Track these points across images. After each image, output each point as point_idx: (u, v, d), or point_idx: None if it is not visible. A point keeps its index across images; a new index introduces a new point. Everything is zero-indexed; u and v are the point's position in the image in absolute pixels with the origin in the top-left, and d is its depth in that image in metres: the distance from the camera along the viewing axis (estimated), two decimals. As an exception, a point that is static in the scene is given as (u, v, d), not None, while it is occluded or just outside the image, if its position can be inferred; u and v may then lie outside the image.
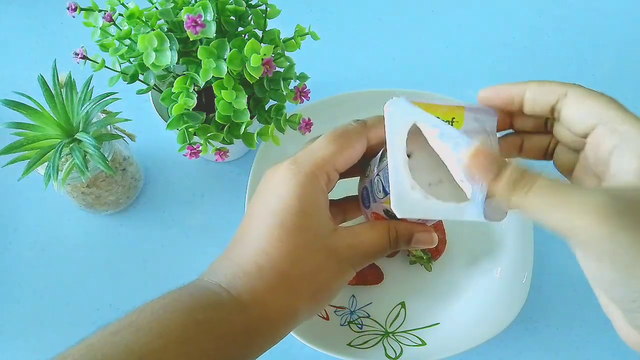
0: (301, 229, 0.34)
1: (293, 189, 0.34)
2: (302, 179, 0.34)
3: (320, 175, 0.35)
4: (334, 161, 0.35)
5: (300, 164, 0.35)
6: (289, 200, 0.34)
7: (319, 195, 0.35)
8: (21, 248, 0.54)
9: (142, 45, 0.40)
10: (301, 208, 0.34)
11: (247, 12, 0.44)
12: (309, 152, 0.35)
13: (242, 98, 0.41)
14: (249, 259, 0.34)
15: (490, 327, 0.48)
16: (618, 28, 0.66)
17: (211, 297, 0.33)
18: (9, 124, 0.44)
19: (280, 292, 0.33)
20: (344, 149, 0.35)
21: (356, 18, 0.66)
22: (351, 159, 0.36)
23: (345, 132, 0.36)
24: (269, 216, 0.34)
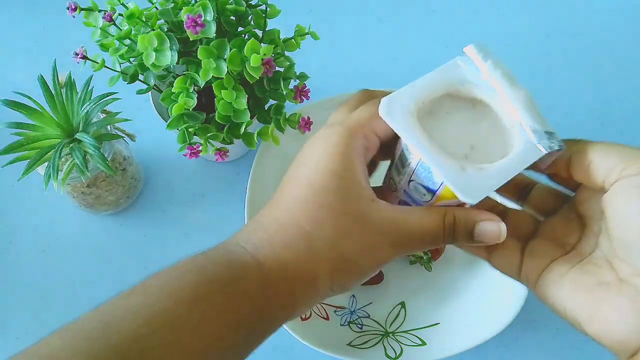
0: (328, 190, 0.31)
1: (326, 149, 0.31)
2: (336, 139, 0.31)
3: (358, 136, 0.31)
4: (371, 124, 0.32)
5: (336, 124, 0.32)
6: (319, 161, 0.31)
7: (353, 157, 0.31)
8: (21, 248, 0.54)
9: (142, 45, 0.40)
10: (331, 168, 0.31)
11: (247, 12, 0.44)
12: (350, 117, 0.33)
13: (242, 98, 0.41)
14: (272, 217, 0.32)
15: (490, 327, 0.48)
16: (618, 28, 0.66)
17: (226, 254, 0.31)
18: (9, 124, 0.44)
19: (298, 251, 0.30)
20: None
21: (356, 18, 0.66)
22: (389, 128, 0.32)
23: (381, 94, 0.33)
24: (299, 178, 0.32)
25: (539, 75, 0.64)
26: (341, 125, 0.32)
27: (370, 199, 0.31)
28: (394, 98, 0.31)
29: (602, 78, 0.63)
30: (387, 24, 0.66)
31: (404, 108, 0.31)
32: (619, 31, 0.66)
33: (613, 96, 0.63)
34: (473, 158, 0.31)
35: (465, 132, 0.31)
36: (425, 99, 0.31)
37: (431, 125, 0.31)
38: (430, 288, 0.52)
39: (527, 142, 0.30)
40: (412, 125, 0.30)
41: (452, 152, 0.30)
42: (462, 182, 0.29)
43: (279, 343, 0.51)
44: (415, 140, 0.30)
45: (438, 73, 0.32)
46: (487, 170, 0.29)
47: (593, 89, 0.63)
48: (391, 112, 0.30)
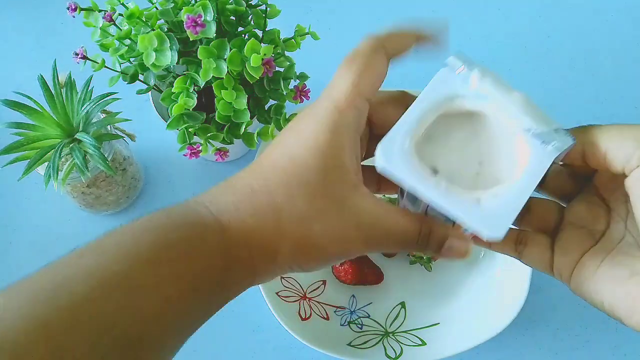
0: (311, 168, 0.29)
1: (314, 126, 0.30)
2: (324, 116, 0.30)
3: (347, 111, 0.30)
4: (358, 90, 0.30)
5: (323, 99, 0.30)
6: (307, 137, 0.30)
7: (342, 137, 0.30)
8: (21, 248, 0.54)
9: (142, 45, 0.40)
10: (317, 146, 0.29)
11: (247, 12, 0.44)
12: (327, 90, 0.31)
13: (242, 98, 0.41)
14: (245, 181, 0.30)
15: (490, 327, 0.48)
16: (618, 28, 0.66)
17: (188, 215, 0.29)
18: (9, 124, 0.44)
19: (265, 221, 0.29)
20: (364, 71, 0.31)
21: (356, 18, 0.66)
22: (376, 80, 0.31)
23: (359, 53, 0.31)
24: (283, 149, 0.30)
25: (539, 75, 0.63)
26: (329, 98, 0.30)
27: (354, 185, 0.30)
28: (388, 143, 0.29)
29: (602, 78, 0.63)
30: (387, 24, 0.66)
31: (402, 151, 0.29)
32: (619, 31, 0.66)
33: (613, 96, 0.63)
34: (484, 174, 0.30)
35: (469, 149, 0.30)
36: (419, 130, 0.30)
37: (432, 152, 0.30)
38: (430, 288, 0.52)
39: (535, 147, 0.29)
40: (415, 171, 0.29)
41: (462, 174, 0.29)
42: (481, 219, 0.28)
43: (279, 343, 0.51)
44: (423, 189, 0.28)
45: (425, 96, 0.30)
46: (504, 196, 0.28)
47: (593, 89, 0.63)
48: (390, 160, 0.29)
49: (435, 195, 0.28)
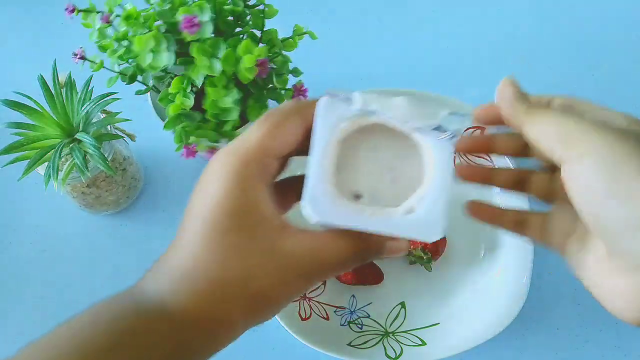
0: (232, 229, 0.30)
1: (223, 184, 0.30)
2: (232, 172, 0.30)
3: (253, 167, 0.30)
4: (267, 147, 0.31)
5: (229, 154, 0.31)
6: (219, 198, 0.30)
7: (253, 188, 0.30)
8: (21, 248, 0.54)
9: (139, 46, 0.40)
10: (233, 206, 0.30)
11: (244, 12, 0.44)
12: (240, 139, 0.31)
13: (229, 96, 0.41)
14: (179, 262, 0.31)
15: (490, 327, 0.48)
16: (618, 28, 0.66)
17: (134, 305, 0.30)
18: (9, 124, 0.44)
19: (210, 298, 0.30)
20: (276, 132, 0.31)
21: (356, 18, 0.66)
22: (287, 141, 0.32)
23: (275, 112, 0.32)
24: (201, 216, 0.31)
25: (539, 75, 0.63)
26: (234, 154, 0.31)
27: (277, 231, 0.30)
28: (312, 196, 0.30)
29: (602, 78, 0.63)
30: (387, 24, 0.66)
31: (326, 198, 0.30)
32: (619, 31, 0.66)
33: (613, 96, 0.63)
34: (401, 180, 0.31)
35: (378, 162, 0.31)
36: (330, 167, 0.30)
37: (348, 179, 0.31)
38: (430, 288, 0.52)
39: (433, 141, 0.30)
40: (346, 210, 0.30)
41: (382, 187, 0.31)
42: (417, 228, 0.29)
43: (279, 343, 0.51)
44: (359, 224, 0.29)
45: (320, 133, 0.31)
46: (428, 197, 0.30)
47: (593, 89, 0.63)
48: (321, 212, 0.29)
49: (371, 225, 0.29)
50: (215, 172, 0.31)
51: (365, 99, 0.30)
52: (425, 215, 0.30)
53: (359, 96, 0.30)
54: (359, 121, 0.31)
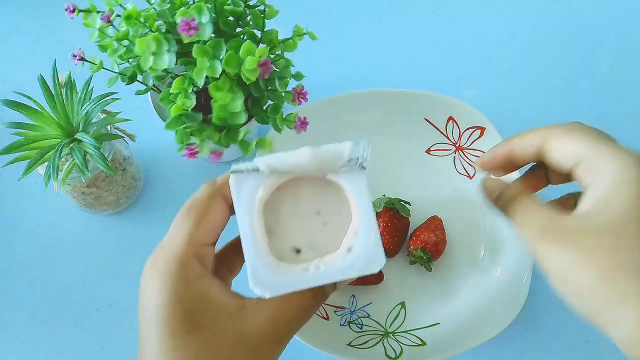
0: (194, 330, 0.30)
1: (166, 296, 0.30)
2: (170, 281, 0.30)
3: (188, 264, 0.31)
4: (196, 240, 0.32)
5: (160, 265, 0.31)
6: (169, 308, 0.30)
7: (198, 285, 0.31)
8: (21, 248, 0.54)
9: (140, 49, 0.40)
10: (185, 310, 0.30)
11: (245, 12, 0.44)
12: (165, 244, 0.32)
13: (237, 100, 0.41)
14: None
15: (490, 327, 0.48)
16: (618, 28, 0.66)
17: None
18: (9, 124, 0.44)
19: None
20: (200, 222, 0.32)
21: (355, 18, 0.66)
22: (215, 227, 0.33)
23: (195, 202, 0.33)
24: (157, 329, 0.30)
25: (539, 75, 0.63)
26: (170, 253, 0.31)
27: (237, 312, 0.31)
28: (254, 275, 0.31)
29: (602, 78, 0.63)
30: (387, 24, 0.66)
31: (269, 272, 0.31)
32: (619, 31, 0.66)
33: (613, 96, 0.63)
34: (327, 218, 0.33)
35: (303, 209, 0.33)
36: (262, 238, 0.32)
37: (283, 238, 0.32)
38: (430, 288, 0.52)
39: (344, 178, 0.32)
40: (291, 277, 0.31)
41: (316, 233, 0.32)
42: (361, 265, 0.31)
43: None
44: (308, 285, 0.31)
45: (242, 210, 0.32)
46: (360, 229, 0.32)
47: (593, 89, 0.63)
48: (269, 287, 0.31)
49: (319, 280, 0.31)
50: (154, 285, 0.31)
51: (269, 163, 0.32)
52: (364, 250, 0.31)
53: (263, 162, 0.32)
54: (272, 183, 0.32)
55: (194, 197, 0.33)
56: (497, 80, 0.63)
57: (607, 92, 0.63)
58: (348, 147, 0.32)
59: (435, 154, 0.57)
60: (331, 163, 0.32)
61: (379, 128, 0.56)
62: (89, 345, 0.51)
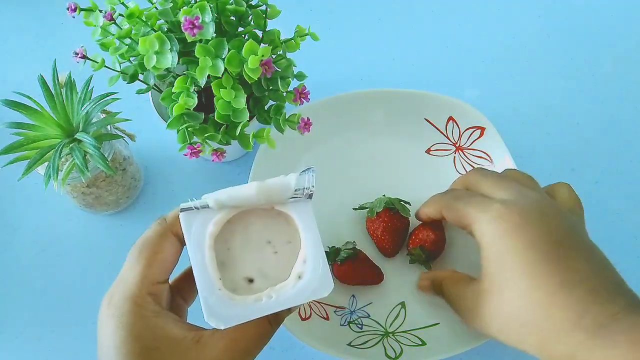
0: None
1: (123, 334, 0.31)
2: (126, 320, 0.31)
3: (142, 302, 0.32)
4: (149, 279, 0.33)
5: (116, 304, 0.32)
6: (127, 346, 0.31)
7: (154, 322, 0.32)
8: (21, 248, 0.54)
9: (143, 48, 0.40)
10: (142, 348, 0.31)
11: (247, 12, 0.44)
12: (120, 283, 0.33)
13: (241, 97, 0.41)
14: None
15: (490, 327, 0.48)
16: (618, 28, 0.66)
17: None
18: (9, 124, 0.44)
19: None
20: (152, 260, 0.33)
21: (356, 18, 0.66)
22: (167, 264, 0.34)
23: (147, 241, 0.34)
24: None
25: (539, 75, 0.64)
26: (124, 295, 0.32)
27: (193, 345, 0.32)
28: (209, 309, 0.32)
29: (602, 78, 0.63)
30: (387, 24, 0.66)
31: (222, 304, 0.32)
32: (619, 31, 0.66)
33: (613, 96, 0.63)
34: (278, 247, 0.34)
35: (253, 239, 0.34)
36: (214, 272, 0.33)
37: (235, 268, 0.34)
38: (430, 288, 0.52)
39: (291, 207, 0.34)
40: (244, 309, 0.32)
41: (268, 263, 0.34)
42: (311, 291, 0.33)
43: (278, 343, 0.51)
44: (262, 313, 0.33)
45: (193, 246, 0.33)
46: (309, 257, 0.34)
47: (593, 89, 0.63)
48: (224, 319, 0.32)
49: (272, 308, 0.32)
50: (110, 327, 0.32)
51: (217, 199, 0.33)
52: (312, 277, 0.33)
53: (212, 199, 0.33)
54: (222, 218, 0.33)
55: (144, 236, 0.34)
56: (498, 80, 0.63)
57: (608, 92, 0.63)
58: (294, 178, 0.33)
59: (435, 154, 0.57)
60: (278, 195, 0.33)
61: (379, 128, 0.56)
62: (89, 345, 0.51)
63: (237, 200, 0.33)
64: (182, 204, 0.33)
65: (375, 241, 0.52)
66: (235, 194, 0.33)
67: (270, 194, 0.33)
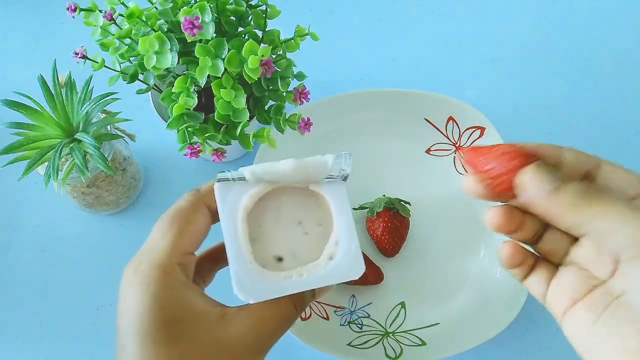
0: (176, 338, 0.30)
1: (149, 303, 0.30)
2: (154, 288, 0.30)
3: (172, 272, 0.31)
4: (180, 248, 0.32)
5: (143, 271, 0.31)
6: (151, 316, 0.30)
7: (181, 293, 0.31)
8: (21, 248, 0.54)
9: (143, 48, 0.40)
10: (167, 318, 0.30)
11: (247, 12, 0.44)
12: (149, 251, 0.32)
13: (240, 97, 0.41)
14: None
15: (490, 327, 0.48)
16: (618, 28, 0.66)
17: None
18: (9, 124, 0.44)
19: None
20: (184, 230, 0.32)
21: (356, 18, 0.66)
22: (198, 235, 0.33)
23: (180, 211, 0.33)
24: (139, 337, 0.30)
25: (539, 75, 0.64)
26: (152, 262, 0.31)
27: (218, 320, 0.31)
28: (238, 280, 0.32)
29: (602, 78, 0.63)
30: (387, 24, 0.66)
31: (252, 277, 0.32)
32: (619, 31, 0.66)
33: (613, 96, 0.63)
34: (309, 228, 0.34)
35: (285, 218, 0.34)
36: (246, 246, 0.32)
37: (266, 246, 0.33)
38: (430, 288, 0.52)
39: (325, 188, 0.34)
40: (274, 283, 0.32)
41: (298, 242, 0.33)
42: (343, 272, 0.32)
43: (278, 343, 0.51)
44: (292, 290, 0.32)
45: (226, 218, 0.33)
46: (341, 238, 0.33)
47: (593, 89, 0.63)
48: (252, 293, 0.31)
49: (302, 286, 0.32)
50: (136, 293, 0.31)
51: (254, 172, 0.32)
52: (344, 258, 0.33)
53: (248, 172, 0.33)
54: (256, 193, 0.33)
55: (177, 206, 0.33)
56: (498, 80, 0.63)
57: (608, 92, 0.63)
58: (331, 158, 0.32)
59: (435, 154, 0.57)
60: (315, 174, 0.33)
61: (379, 128, 0.56)
62: (89, 345, 0.51)
63: (273, 174, 0.32)
64: (219, 173, 0.32)
65: (375, 241, 0.52)
66: (272, 168, 0.32)
67: (307, 172, 0.33)
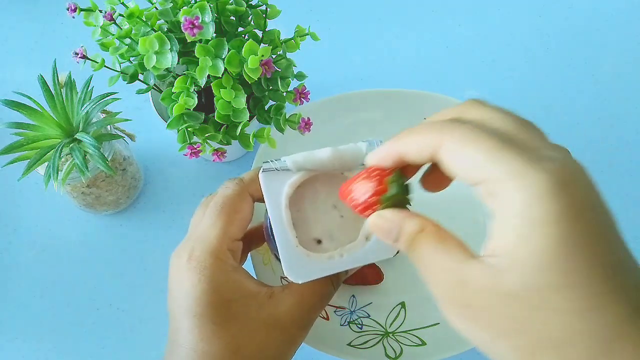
0: (231, 318, 0.33)
1: (205, 286, 0.33)
2: (209, 273, 0.33)
3: (224, 257, 0.34)
4: (228, 236, 0.35)
5: (197, 258, 0.34)
6: (207, 298, 0.33)
7: (233, 276, 0.34)
8: (21, 248, 0.54)
9: (143, 48, 0.40)
10: (222, 300, 0.33)
11: (247, 12, 0.44)
12: (201, 238, 0.35)
13: (241, 97, 0.41)
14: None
15: (490, 327, 0.48)
16: (618, 28, 0.66)
17: None
18: (9, 124, 0.44)
19: None
20: (233, 218, 0.35)
21: (356, 18, 0.66)
22: (245, 222, 0.36)
23: (227, 200, 0.36)
24: (195, 319, 0.33)
25: (539, 75, 0.64)
26: (205, 249, 0.34)
27: (267, 300, 0.34)
28: (288, 262, 0.34)
29: (602, 78, 0.63)
30: (387, 24, 0.66)
31: (299, 259, 0.34)
32: (619, 31, 0.66)
33: (613, 96, 0.63)
34: (344, 210, 0.36)
35: (321, 202, 0.36)
36: (289, 230, 0.34)
37: (305, 230, 0.35)
38: (430, 288, 0.52)
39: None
40: (318, 264, 0.34)
41: (335, 225, 0.36)
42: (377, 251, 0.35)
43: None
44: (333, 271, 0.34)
45: (272, 204, 0.34)
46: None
47: (593, 89, 0.63)
48: (301, 274, 0.34)
49: (344, 265, 0.34)
50: (192, 278, 0.33)
51: (295, 161, 0.35)
52: (379, 239, 0.34)
53: (290, 161, 0.35)
54: (296, 181, 0.35)
55: (224, 195, 0.36)
56: (498, 80, 0.63)
57: (607, 92, 0.63)
58: (364, 146, 0.35)
59: (436, 154, 0.57)
60: (351, 161, 0.35)
61: (379, 128, 0.56)
62: (89, 345, 0.51)
63: (311, 163, 0.35)
64: (263, 164, 0.35)
65: (375, 241, 0.52)
66: (311, 157, 0.35)
67: (343, 159, 0.35)
